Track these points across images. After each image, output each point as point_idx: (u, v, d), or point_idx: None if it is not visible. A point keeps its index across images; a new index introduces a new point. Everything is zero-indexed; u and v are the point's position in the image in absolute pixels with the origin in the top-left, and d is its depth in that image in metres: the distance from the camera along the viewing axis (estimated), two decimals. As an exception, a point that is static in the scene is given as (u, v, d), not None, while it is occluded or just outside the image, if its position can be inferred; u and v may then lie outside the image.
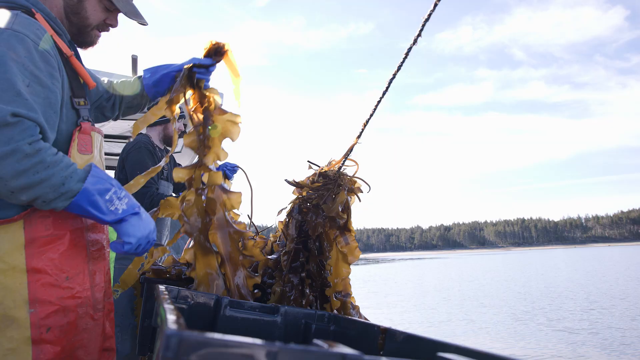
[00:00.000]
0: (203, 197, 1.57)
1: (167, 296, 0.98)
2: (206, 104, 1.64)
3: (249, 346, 0.47)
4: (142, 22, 1.47)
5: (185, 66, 1.62)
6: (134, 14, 1.44)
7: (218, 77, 1.82)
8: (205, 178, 1.60)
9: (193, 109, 1.65)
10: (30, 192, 1.08)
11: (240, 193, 1.64)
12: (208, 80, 1.65)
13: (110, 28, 1.49)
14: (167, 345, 0.46)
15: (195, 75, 1.63)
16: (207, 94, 1.64)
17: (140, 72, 1.75)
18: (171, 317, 0.57)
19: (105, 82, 1.70)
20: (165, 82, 1.67)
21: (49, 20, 1.32)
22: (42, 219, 1.18)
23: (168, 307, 0.69)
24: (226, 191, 1.61)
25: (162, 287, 1.23)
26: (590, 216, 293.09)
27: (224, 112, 1.63)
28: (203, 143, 1.57)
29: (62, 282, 1.18)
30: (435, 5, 1.14)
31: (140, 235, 1.23)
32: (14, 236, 1.13)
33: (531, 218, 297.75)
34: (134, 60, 3.48)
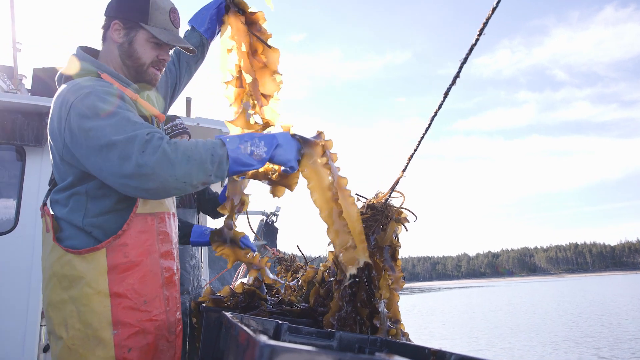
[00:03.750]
0: None
1: (239, 320, 1.09)
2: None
3: (326, 353, 0.57)
4: (187, 47, 1.55)
5: None
6: (177, 41, 1.52)
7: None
8: None
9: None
10: (195, 176, 1.21)
11: None
12: None
13: (165, 63, 1.57)
14: (261, 354, 0.56)
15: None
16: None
17: (193, 114, 1.92)
18: (256, 333, 0.68)
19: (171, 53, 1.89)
20: (212, 20, 1.90)
21: (113, 77, 1.46)
22: (121, 247, 1.30)
23: (246, 327, 0.80)
24: None
25: (229, 314, 1.35)
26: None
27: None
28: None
29: (141, 305, 1.31)
30: (472, 48, 1.24)
31: (290, 158, 1.36)
32: (98, 263, 1.27)
33: (585, 243, 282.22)
34: (188, 102, 3.71)
